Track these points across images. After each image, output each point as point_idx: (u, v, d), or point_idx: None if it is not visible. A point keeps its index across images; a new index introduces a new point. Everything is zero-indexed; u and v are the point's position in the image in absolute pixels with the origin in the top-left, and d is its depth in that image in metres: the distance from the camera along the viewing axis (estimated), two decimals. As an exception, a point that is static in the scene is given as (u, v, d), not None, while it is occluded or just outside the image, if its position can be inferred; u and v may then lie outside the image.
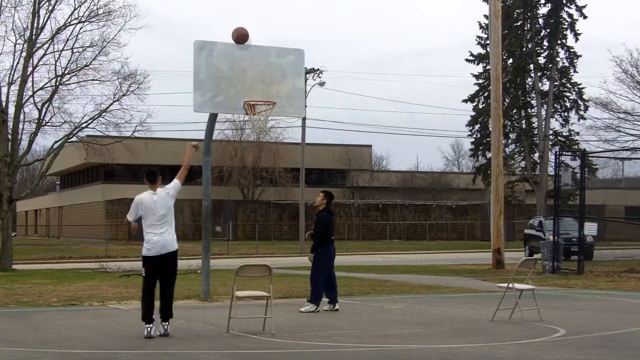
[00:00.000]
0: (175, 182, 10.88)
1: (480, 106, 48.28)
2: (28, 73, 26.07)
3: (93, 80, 27.47)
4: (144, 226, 10.53)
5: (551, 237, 24.00)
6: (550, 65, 47.47)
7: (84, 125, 27.51)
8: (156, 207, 10.52)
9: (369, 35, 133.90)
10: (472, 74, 49.32)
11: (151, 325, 10.18)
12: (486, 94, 45.89)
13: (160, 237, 10.38)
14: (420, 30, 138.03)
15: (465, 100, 49.36)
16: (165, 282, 10.42)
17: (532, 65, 47.64)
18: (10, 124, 25.89)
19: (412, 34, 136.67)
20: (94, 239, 53.26)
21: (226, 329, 10.71)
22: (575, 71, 47.80)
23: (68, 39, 26.77)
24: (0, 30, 46.86)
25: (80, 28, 26.84)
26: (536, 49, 47.43)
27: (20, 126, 26.56)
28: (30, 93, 26.57)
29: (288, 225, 57.38)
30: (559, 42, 47.17)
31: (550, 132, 47.71)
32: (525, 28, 47.88)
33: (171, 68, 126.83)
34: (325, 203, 13.62)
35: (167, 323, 10.36)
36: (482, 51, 47.44)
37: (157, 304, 10.46)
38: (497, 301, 12.10)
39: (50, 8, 26.28)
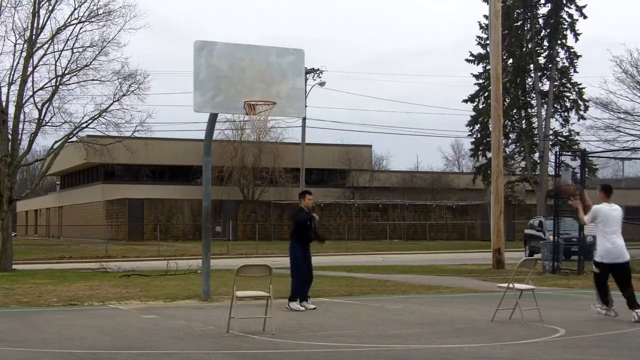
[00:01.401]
0: None
1: (480, 106, 48.28)
2: (28, 73, 26.07)
3: (93, 80, 27.48)
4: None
5: (551, 237, 23.99)
6: (550, 65, 47.47)
7: (84, 125, 27.51)
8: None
9: (369, 35, 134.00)
10: (472, 74, 49.37)
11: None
12: (486, 94, 45.89)
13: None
14: (420, 30, 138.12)
15: (465, 100, 49.38)
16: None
17: (532, 65, 47.64)
18: (10, 124, 25.89)
19: (412, 34, 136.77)
20: (94, 239, 53.26)
21: (226, 329, 10.71)
22: (575, 71, 47.81)
23: (68, 39, 26.79)
24: (0, 30, 46.84)
25: (80, 28, 26.87)
26: (536, 49, 47.43)
27: (21, 126, 26.58)
28: (30, 93, 26.59)
29: (288, 225, 57.21)
30: (559, 42, 47.17)
31: (550, 132, 47.71)
32: (525, 28, 47.88)
33: (171, 68, 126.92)
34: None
35: None
36: (482, 51, 47.43)
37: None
38: (497, 301, 12.10)
39: (50, 8, 26.29)
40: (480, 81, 48.34)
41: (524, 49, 47.37)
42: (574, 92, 47.61)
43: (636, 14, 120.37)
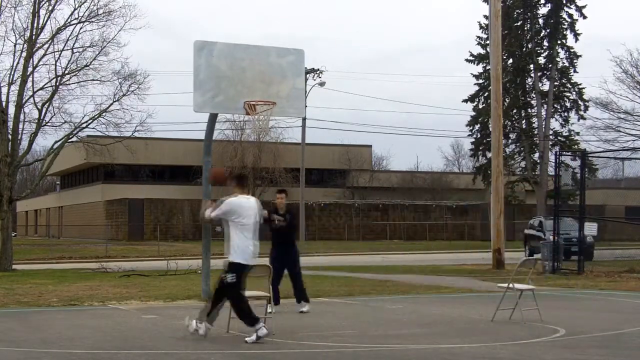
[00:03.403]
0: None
1: (480, 106, 48.26)
2: (28, 73, 26.06)
3: (93, 80, 27.47)
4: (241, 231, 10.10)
5: (551, 237, 24.00)
6: (550, 65, 47.45)
7: (84, 125, 27.50)
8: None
9: (369, 35, 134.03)
10: (472, 74, 49.33)
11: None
12: (486, 94, 45.87)
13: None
14: (420, 30, 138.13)
15: (465, 100, 49.36)
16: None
17: (532, 65, 47.61)
18: (10, 124, 25.88)
19: (412, 34, 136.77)
20: (94, 239, 53.26)
21: (226, 329, 10.71)
22: (575, 71, 47.80)
23: (68, 39, 26.78)
24: (0, 30, 46.81)
25: (80, 28, 26.85)
26: (536, 49, 47.42)
27: (21, 126, 26.57)
28: (30, 93, 26.57)
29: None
30: (559, 42, 47.16)
31: (550, 132, 47.69)
32: (525, 28, 47.87)
33: (171, 68, 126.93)
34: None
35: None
36: (482, 51, 47.41)
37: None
38: (497, 301, 12.10)
39: (50, 8, 26.28)
40: (480, 81, 48.31)
41: (524, 49, 47.35)
42: (574, 92, 47.59)
43: (636, 14, 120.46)
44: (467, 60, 48.62)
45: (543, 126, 47.31)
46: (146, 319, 12.40)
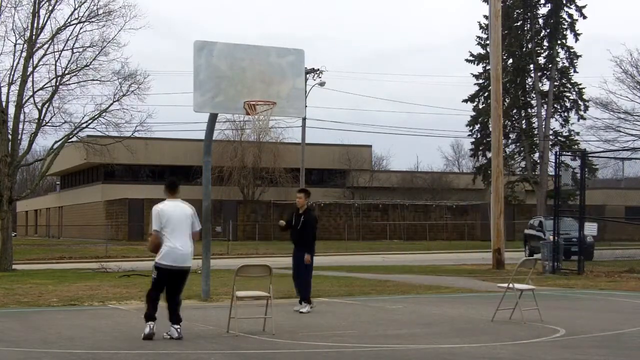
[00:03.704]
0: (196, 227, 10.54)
1: (480, 106, 48.26)
2: (28, 73, 26.06)
3: (93, 80, 27.48)
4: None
5: (551, 237, 23.99)
6: (550, 65, 47.45)
7: (84, 125, 27.50)
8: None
9: (369, 35, 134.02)
10: (472, 74, 49.33)
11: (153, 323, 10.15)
12: (486, 94, 45.87)
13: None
14: (420, 30, 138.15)
15: (465, 100, 49.36)
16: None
17: (532, 65, 47.62)
18: (10, 124, 25.88)
19: (412, 34, 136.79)
20: (94, 239, 53.27)
21: (226, 329, 10.71)
22: (575, 71, 47.80)
23: (68, 39, 26.78)
24: (0, 30, 46.82)
25: (80, 28, 26.86)
26: (536, 49, 47.42)
27: (21, 126, 26.57)
28: (30, 93, 26.57)
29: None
30: (559, 42, 47.16)
31: (550, 132, 47.69)
32: (525, 28, 47.88)
33: (171, 68, 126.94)
34: (306, 203, 13.68)
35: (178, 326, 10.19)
36: (482, 51, 47.41)
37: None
38: (497, 301, 12.10)
39: (50, 8, 26.28)
40: (480, 81, 48.31)
41: (524, 49, 47.35)
42: (574, 92, 47.59)
43: (636, 14, 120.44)
44: (467, 60, 48.64)
45: (543, 126, 47.31)
46: (146, 319, 12.37)
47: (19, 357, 8.94)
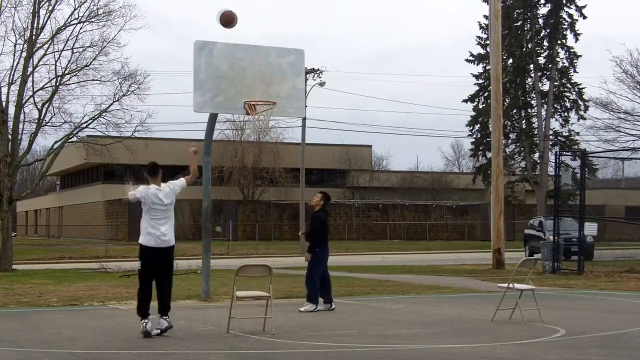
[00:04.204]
0: (182, 181, 11.20)
1: (480, 106, 48.26)
2: (28, 73, 26.06)
3: (93, 80, 27.49)
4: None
5: (551, 237, 23.99)
6: (550, 65, 47.45)
7: (84, 125, 27.51)
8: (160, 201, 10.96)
9: (369, 34, 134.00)
10: (472, 74, 49.34)
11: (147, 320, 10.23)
12: (486, 94, 45.87)
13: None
14: (420, 29, 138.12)
15: (465, 100, 49.36)
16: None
17: (532, 65, 47.62)
18: (10, 124, 25.89)
19: (411, 34, 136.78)
20: (94, 239, 53.25)
21: (226, 329, 10.71)
22: (575, 71, 47.80)
23: (68, 39, 26.79)
24: (0, 30, 46.83)
25: (80, 28, 26.87)
26: (536, 49, 47.42)
27: (21, 126, 26.58)
28: (30, 93, 26.58)
29: (288, 225, 57.37)
30: (559, 42, 47.16)
31: (550, 132, 47.69)
32: (525, 28, 47.87)
33: (171, 68, 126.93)
34: (322, 204, 13.68)
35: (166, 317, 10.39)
36: (482, 51, 47.42)
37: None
38: (497, 301, 12.10)
39: (50, 8, 26.29)
40: (480, 81, 48.31)
41: (524, 49, 47.35)
42: (574, 92, 47.59)
43: (636, 14, 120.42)
44: (467, 60, 48.65)
45: (543, 126, 47.31)
46: (146, 319, 12.37)
47: (19, 357, 8.94)
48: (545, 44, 47.85)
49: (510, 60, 47.03)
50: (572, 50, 47.55)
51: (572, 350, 9.40)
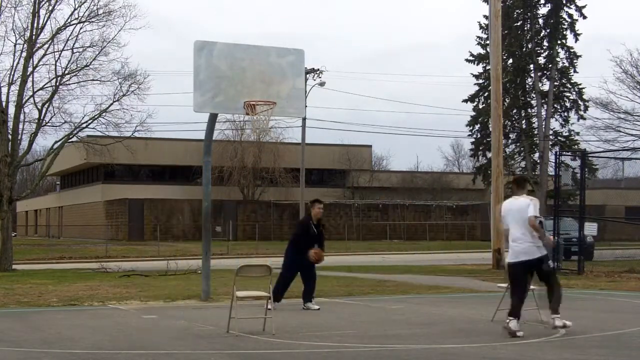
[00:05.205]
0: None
1: (480, 106, 48.24)
2: (28, 73, 26.07)
3: (93, 80, 27.49)
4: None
5: (551, 237, 23.96)
6: (550, 65, 47.44)
7: (84, 125, 27.52)
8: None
9: (369, 34, 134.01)
10: (472, 74, 49.31)
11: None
12: (486, 94, 45.85)
13: None
14: (420, 29, 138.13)
15: (465, 100, 49.33)
16: None
17: (532, 65, 47.61)
18: (10, 124, 25.89)
19: (411, 34, 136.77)
20: (94, 239, 53.25)
21: (226, 329, 10.71)
22: (575, 71, 47.78)
23: (68, 39, 26.80)
24: (0, 30, 46.84)
25: (80, 28, 26.88)
26: (536, 49, 47.41)
27: (21, 126, 26.59)
28: (31, 93, 26.60)
29: (288, 225, 57.35)
30: (559, 42, 47.14)
31: (550, 132, 47.67)
32: (525, 28, 47.86)
33: (171, 68, 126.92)
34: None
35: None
36: (482, 51, 47.40)
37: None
38: (497, 301, 12.09)
39: (50, 8, 26.30)
40: (480, 81, 48.29)
41: (524, 49, 47.33)
42: (574, 92, 47.57)
43: (636, 13, 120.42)
44: (467, 60, 48.62)
45: (543, 126, 47.29)
46: (146, 319, 12.40)
47: (19, 357, 8.94)
48: (545, 44, 47.83)
49: (510, 60, 47.01)
50: (572, 50, 47.53)
51: (572, 350, 9.40)
